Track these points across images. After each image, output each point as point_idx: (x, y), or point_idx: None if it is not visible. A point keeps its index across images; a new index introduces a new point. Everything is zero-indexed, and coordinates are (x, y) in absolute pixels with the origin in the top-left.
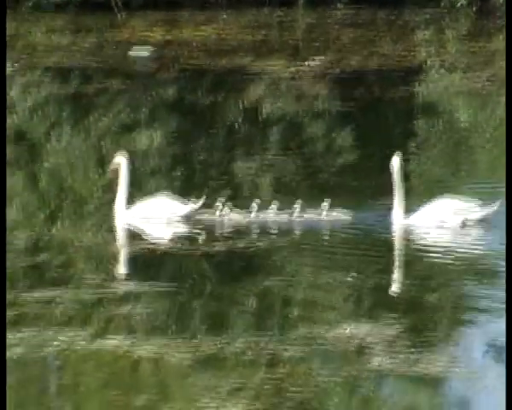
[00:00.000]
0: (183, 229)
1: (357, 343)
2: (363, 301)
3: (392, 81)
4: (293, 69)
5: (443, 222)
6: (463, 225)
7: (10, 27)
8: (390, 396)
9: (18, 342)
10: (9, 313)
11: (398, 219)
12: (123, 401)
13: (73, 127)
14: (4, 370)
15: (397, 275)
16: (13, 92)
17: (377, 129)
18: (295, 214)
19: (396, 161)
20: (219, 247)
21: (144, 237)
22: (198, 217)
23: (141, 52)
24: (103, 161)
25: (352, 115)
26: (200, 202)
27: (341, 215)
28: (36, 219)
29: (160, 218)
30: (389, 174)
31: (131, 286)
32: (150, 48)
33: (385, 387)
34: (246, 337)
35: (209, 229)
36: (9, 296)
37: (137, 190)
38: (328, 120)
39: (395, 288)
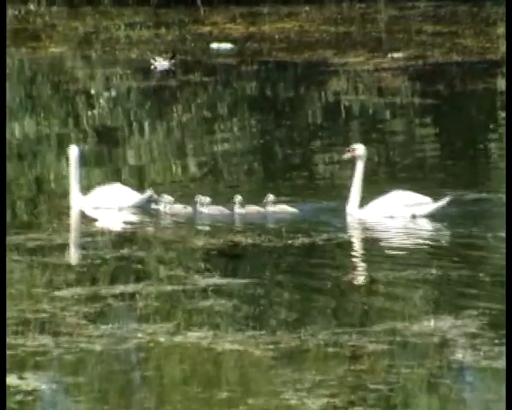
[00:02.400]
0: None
1: (439, 337)
2: (445, 294)
3: (474, 74)
4: (374, 62)
5: (393, 214)
6: (413, 217)
7: (92, 21)
8: (472, 390)
9: (101, 334)
10: (92, 307)
11: (353, 210)
12: (205, 395)
13: (155, 121)
14: (4, 370)
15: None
16: (95, 86)
17: (459, 122)
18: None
19: (361, 151)
20: (301, 240)
21: (223, 231)
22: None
23: (223, 45)
24: (185, 155)
25: (433, 108)
26: (148, 193)
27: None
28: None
29: (111, 206)
30: (470, 166)
31: (213, 280)
32: (230, 44)
33: (467, 381)
34: (328, 331)
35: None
36: (91, 290)
37: (221, 183)
38: (410, 113)
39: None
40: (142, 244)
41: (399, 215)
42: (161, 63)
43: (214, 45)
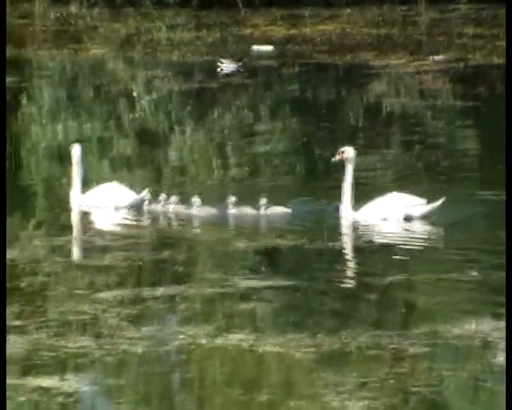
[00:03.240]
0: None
1: (481, 339)
2: (485, 296)
3: None
4: (416, 64)
5: (387, 216)
6: (407, 219)
7: (134, 23)
8: None
9: (142, 336)
10: (133, 309)
11: (347, 213)
12: (246, 397)
13: (196, 122)
14: (4, 370)
15: None
16: (136, 88)
17: (500, 124)
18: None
19: (350, 153)
20: (342, 242)
21: (262, 234)
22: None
23: (264, 47)
24: (226, 156)
25: (474, 111)
26: (145, 193)
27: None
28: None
29: (107, 205)
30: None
31: (254, 282)
32: (271, 47)
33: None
34: (369, 333)
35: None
36: (133, 292)
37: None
38: (451, 116)
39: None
40: (182, 246)
41: (393, 217)
42: (228, 66)
43: (255, 47)
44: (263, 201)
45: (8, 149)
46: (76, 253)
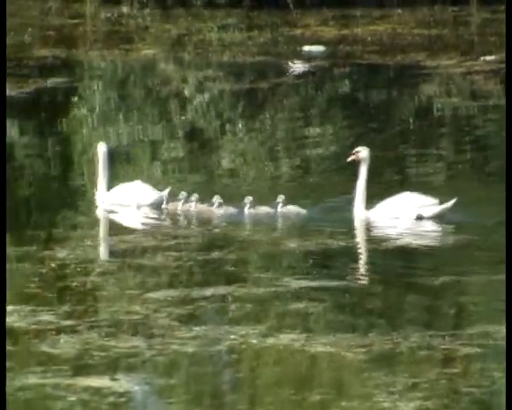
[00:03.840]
0: None
1: None
2: None
3: None
4: (467, 64)
5: (399, 216)
6: (418, 218)
7: (184, 23)
8: None
9: (193, 336)
10: (184, 309)
11: (359, 212)
12: (297, 397)
13: (247, 123)
14: (4, 370)
15: None
16: (187, 89)
17: None
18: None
19: (364, 154)
20: (392, 242)
21: (312, 234)
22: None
23: (315, 48)
24: (277, 157)
25: None
26: (166, 192)
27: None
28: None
29: (130, 203)
30: None
31: (305, 282)
32: (322, 47)
33: None
34: (420, 334)
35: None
36: (183, 292)
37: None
38: (502, 116)
39: None
40: (232, 246)
41: (405, 216)
42: (299, 66)
43: (306, 48)
44: (279, 199)
45: (58, 149)
46: (126, 253)
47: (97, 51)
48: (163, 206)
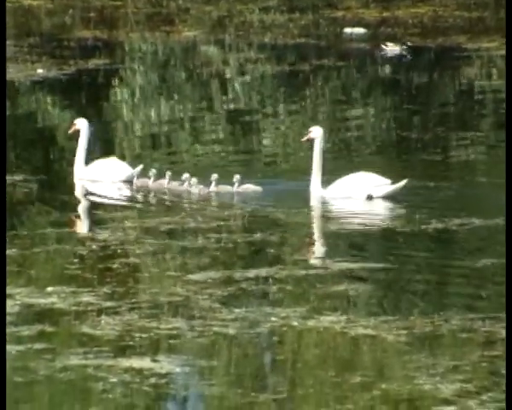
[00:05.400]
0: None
1: None
2: None
3: None
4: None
5: (351, 195)
6: (369, 198)
7: (226, 5)
8: None
9: (234, 318)
10: (225, 291)
11: (316, 190)
12: (338, 379)
13: (288, 105)
14: (4, 369)
15: None
16: (229, 70)
17: None
18: None
19: (317, 133)
20: (434, 225)
21: (351, 216)
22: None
23: (356, 30)
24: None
25: None
26: (138, 168)
27: None
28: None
29: (104, 179)
30: None
31: (346, 264)
32: (363, 29)
33: None
34: (461, 316)
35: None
36: (225, 274)
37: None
38: None
39: None
40: (272, 228)
41: (357, 196)
42: (392, 49)
43: (348, 30)
44: (236, 178)
45: (99, 131)
46: (166, 234)
47: (138, 33)
48: (134, 181)
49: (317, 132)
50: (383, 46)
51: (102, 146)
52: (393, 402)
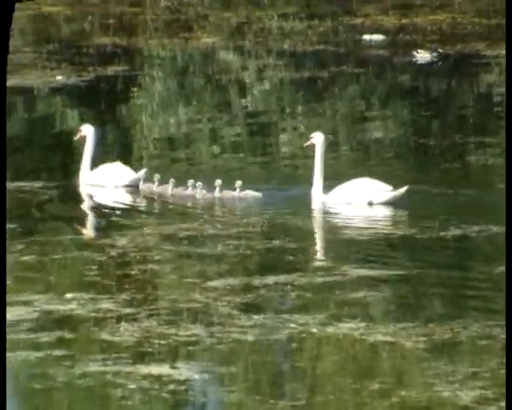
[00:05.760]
0: None
1: None
2: None
3: None
4: None
5: (352, 201)
6: (369, 204)
7: (244, 11)
8: None
9: (253, 324)
10: (244, 298)
11: (317, 195)
12: (357, 386)
13: (307, 111)
14: (4, 370)
15: None
16: (247, 77)
17: None
18: None
19: (318, 139)
20: (452, 232)
21: (371, 223)
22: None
23: (375, 37)
24: (337, 143)
25: None
26: (142, 172)
27: None
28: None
29: (107, 184)
30: None
31: (365, 271)
32: (382, 36)
33: None
34: (480, 323)
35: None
36: (243, 280)
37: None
38: None
39: None
40: (291, 235)
41: (358, 202)
42: (423, 56)
43: (366, 37)
44: (237, 184)
45: (118, 137)
46: (185, 240)
47: (157, 40)
48: (140, 187)
49: (318, 138)
50: (414, 53)
51: (121, 151)
52: (412, 409)
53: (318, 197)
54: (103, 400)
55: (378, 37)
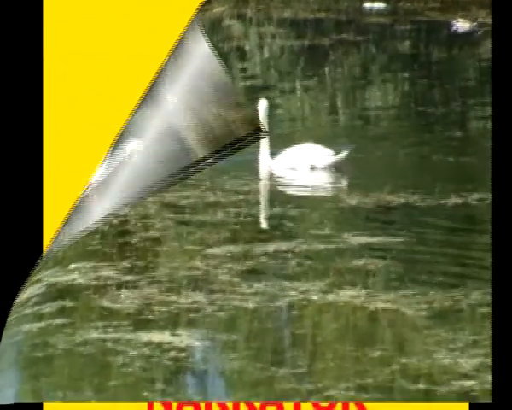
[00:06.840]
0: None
1: None
2: None
3: None
4: None
5: (295, 166)
6: (312, 168)
7: None
8: None
9: (254, 292)
10: (245, 265)
11: (264, 160)
12: (357, 353)
13: (308, 80)
14: None
15: None
16: (249, 45)
17: None
18: None
19: (262, 105)
20: (454, 200)
21: (372, 190)
22: None
23: (376, 4)
24: (336, 112)
25: None
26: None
27: None
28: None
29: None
30: None
31: (366, 238)
32: (383, 4)
33: None
34: (481, 291)
35: None
36: (244, 248)
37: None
38: None
39: None
40: (292, 202)
41: (301, 167)
42: (463, 25)
43: (367, 4)
44: None
45: None
46: (186, 208)
47: None
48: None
49: (262, 105)
50: (453, 21)
51: None
52: (413, 377)
53: (266, 162)
54: (104, 367)
55: (379, 4)
